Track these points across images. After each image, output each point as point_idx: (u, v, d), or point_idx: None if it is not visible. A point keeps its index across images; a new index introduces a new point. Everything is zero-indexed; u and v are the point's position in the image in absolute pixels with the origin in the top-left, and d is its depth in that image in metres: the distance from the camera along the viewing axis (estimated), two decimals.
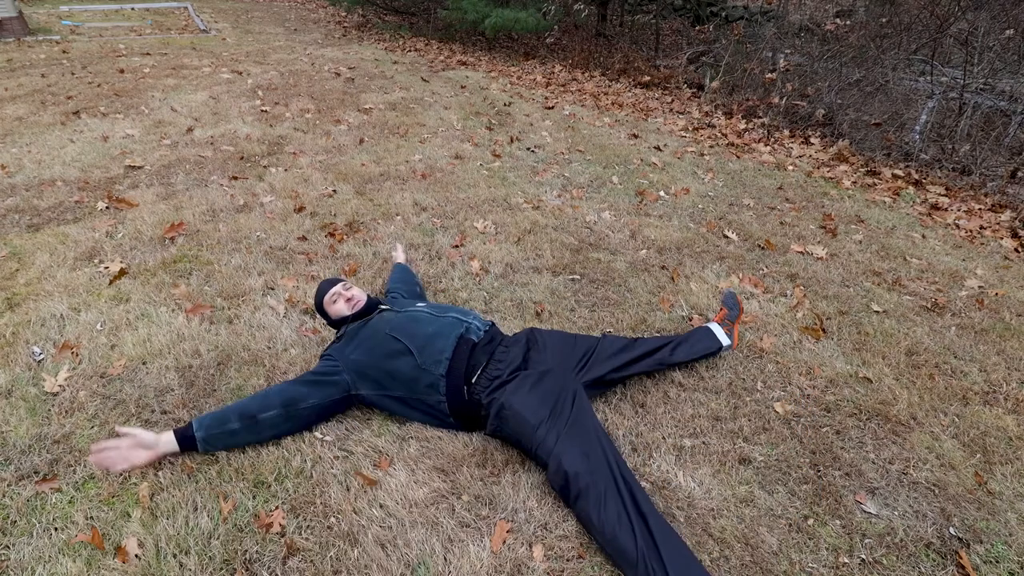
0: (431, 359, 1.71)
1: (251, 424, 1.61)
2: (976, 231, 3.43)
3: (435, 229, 3.03)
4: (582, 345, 1.88)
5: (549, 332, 1.94)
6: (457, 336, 1.77)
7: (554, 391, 1.64)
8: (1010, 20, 5.03)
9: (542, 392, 1.63)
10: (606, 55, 8.02)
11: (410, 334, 1.76)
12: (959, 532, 1.54)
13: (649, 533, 1.35)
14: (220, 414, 1.61)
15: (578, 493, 1.44)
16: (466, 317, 1.86)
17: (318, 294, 1.98)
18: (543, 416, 1.57)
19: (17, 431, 1.69)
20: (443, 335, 1.76)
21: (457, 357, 1.72)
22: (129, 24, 9.45)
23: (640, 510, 1.39)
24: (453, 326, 1.80)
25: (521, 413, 1.58)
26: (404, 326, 1.79)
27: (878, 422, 1.89)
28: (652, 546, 1.33)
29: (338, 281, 1.97)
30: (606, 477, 1.44)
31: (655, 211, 3.40)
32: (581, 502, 1.43)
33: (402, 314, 1.86)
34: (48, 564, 1.35)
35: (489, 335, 1.83)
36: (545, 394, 1.62)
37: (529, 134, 4.72)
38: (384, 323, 1.81)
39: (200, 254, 2.67)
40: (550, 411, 1.58)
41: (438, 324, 1.80)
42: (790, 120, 5.42)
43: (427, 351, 1.72)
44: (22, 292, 2.33)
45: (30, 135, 4.10)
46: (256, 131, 4.39)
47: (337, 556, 1.40)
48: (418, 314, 1.85)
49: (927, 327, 2.42)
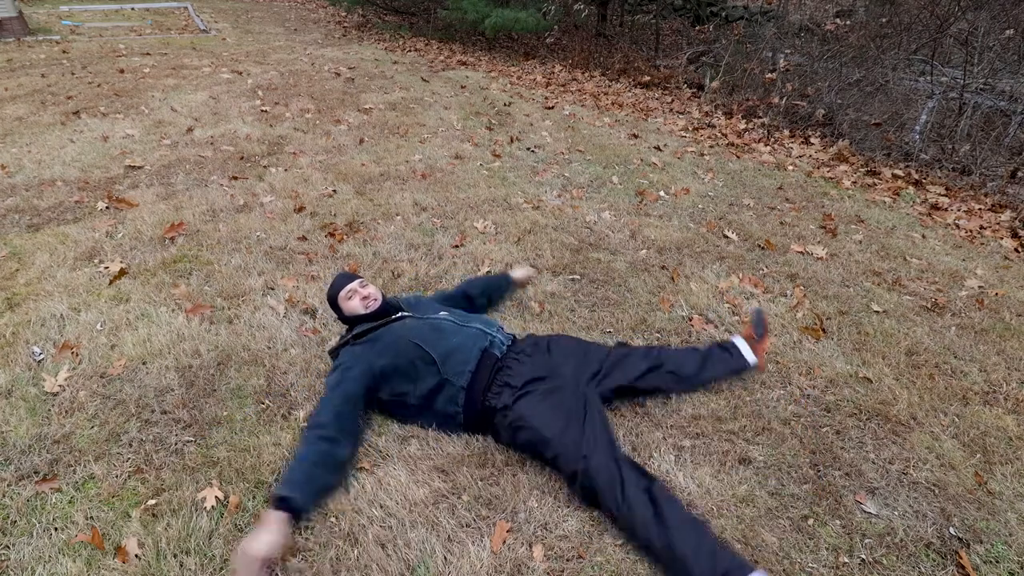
0: (454, 370, 1.69)
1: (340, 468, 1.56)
2: (976, 231, 3.43)
3: (435, 229, 3.03)
4: (598, 354, 1.86)
5: (565, 339, 1.92)
6: (481, 349, 1.75)
7: (568, 402, 1.62)
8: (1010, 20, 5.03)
9: (556, 404, 1.61)
10: (606, 55, 8.02)
11: (434, 344, 1.73)
12: (959, 532, 1.54)
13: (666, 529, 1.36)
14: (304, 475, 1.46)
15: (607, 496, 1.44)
16: (490, 329, 1.83)
17: (333, 287, 1.94)
18: (557, 429, 1.55)
19: (17, 431, 1.69)
20: (467, 347, 1.74)
21: (480, 371, 1.70)
22: (129, 24, 9.45)
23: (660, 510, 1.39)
24: (477, 338, 1.77)
25: (535, 426, 1.57)
26: (428, 335, 1.76)
27: (878, 422, 1.89)
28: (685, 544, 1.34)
29: (355, 278, 1.94)
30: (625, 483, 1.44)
31: (655, 211, 3.40)
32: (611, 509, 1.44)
33: (425, 322, 1.82)
34: (48, 564, 1.35)
35: (512, 350, 1.81)
36: (559, 406, 1.61)
37: (529, 134, 4.72)
38: (407, 330, 1.78)
39: (200, 254, 2.67)
40: (565, 423, 1.56)
41: (462, 335, 1.77)
42: (790, 120, 5.42)
43: (450, 362, 1.70)
44: (22, 292, 2.33)
45: (30, 135, 4.10)
46: (256, 131, 4.39)
47: (337, 556, 1.40)
48: (441, 323, 1.82)
49: (927, 327, 2.42)
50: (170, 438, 1.70)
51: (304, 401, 1.85)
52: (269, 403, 1.84)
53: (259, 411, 1.81)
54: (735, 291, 2.59)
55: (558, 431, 1.55)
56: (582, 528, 1.48)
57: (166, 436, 1.70)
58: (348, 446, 1.58)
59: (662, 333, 2.28)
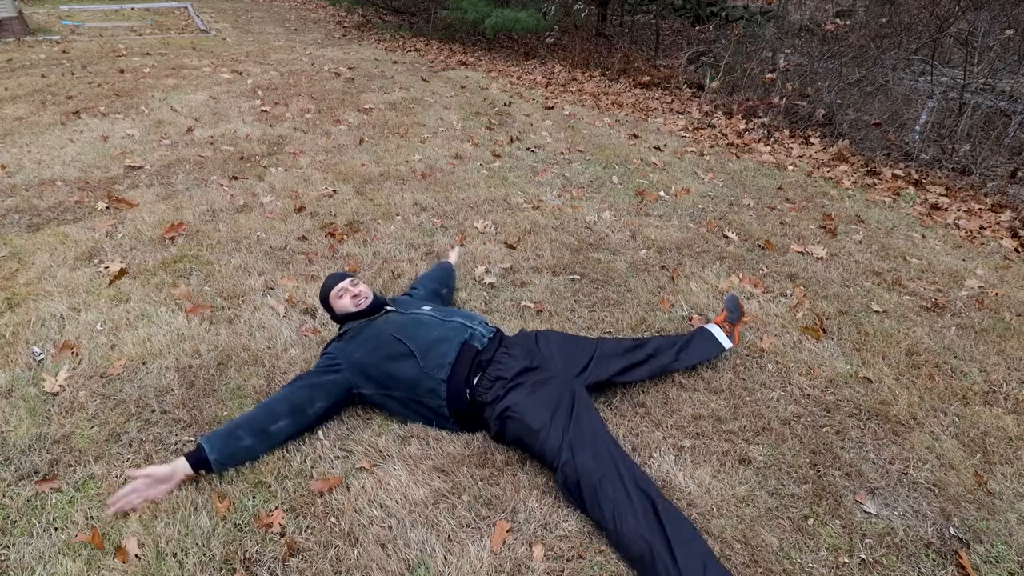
0: (433, 363, 1.71)
1: (263, 437, 1.60)
2: (976, 231, 3.43)
3: (435, 229, 3.03)
4: (587, 348, 1.88)
5: (553, 334, 1.93)
6: (461, 342, 1.76)
7: (556, 395, 1.63)
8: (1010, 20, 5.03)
9: (544, 396, 1.63)
10: (606, 55, 8.02)
11: (414, 337, 1.75)
12: (959, 532, 1.54)
13: (663, 532, 1.35)
14: (229, 431, 1.58)
15: (587, 494, 1.44)
16: (471, 323, 1.84)
17: (324, 288, 1.95)
18: (545, 420, 1.56)
19: (17, 431, 1.69)
20: (447, 340, 1.76)
21: (460, 363, 1.72)
22: (129, 24, 9.45)
23: (656, 510, 1.39)
24: (457, 331, 1.79)
25: (523, 418, 1.58)
26: (408, 329, 1.78)
27: (878, 422, 1.89)
28: (664, 543, 1.33)
29: (346, 276, 1.95)
30: (613, 477, 1.44)
31: (655, 211, 3.40)
32: (591, 503, 1.44)
33: (407, 316, 1.85)
34: (48, 564, 1.35)
35: (494, 342, 1.83)
36: (547, 398, 1.62)
37: (529, 134, 4.72)
38: (389, 324, 1.81)
39: (200, 254, 2.67)
40: (551, 415, 1.57)
41: (443, 329, 1.80)
42: (790, 120, 5.42)
43: (430, 355, 1.72)
44: (22, 292, 2.33)
45: (30, 135, 4.10)
46: (256, 131, 4.39)
47: (337, 556, 1.40)
48: (423, 317, 1.85)
49: (927, 327, 2.42)
50: (170, 438, 1.70)
51: None
52: None
53: None
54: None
55: (545, 423, 1.56)
56: (582, 528, 1.48)
57: (166, 436, 1.70)
58: (285, 419, 1.63)
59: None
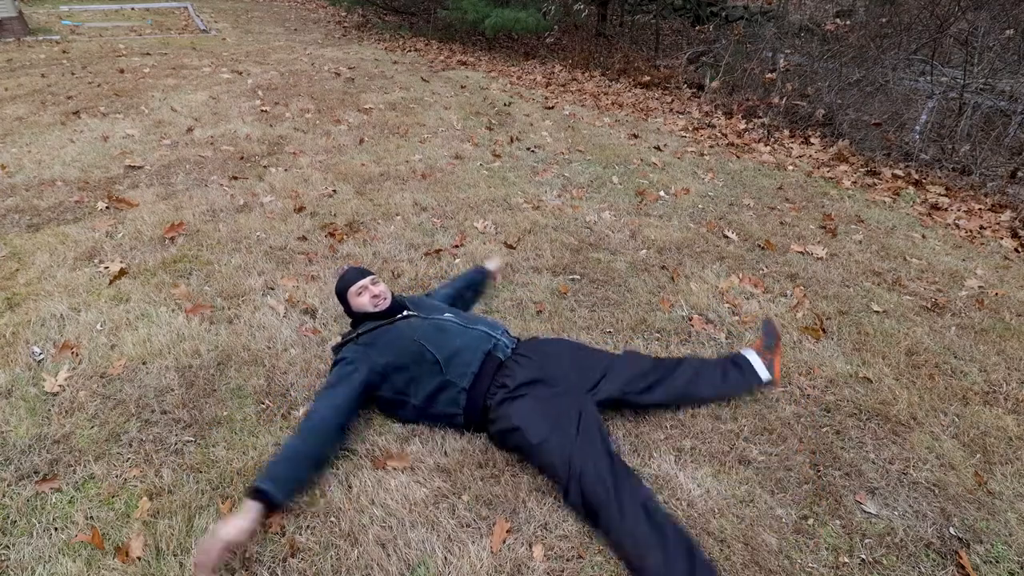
0: (457, 372, 1.69)
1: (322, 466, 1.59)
2: (976, 231, 3.43)
3: (435, 229, 3.03)
4: (601, 361, 1.82)
5: (567, 343, 1.90)
6: (484, 352, 1.74)
7: (560, 410, 1.60)
8: (1010, 20, 5.03)
9: (547, 411, 1.60)
10: (606, 55, 8.02)
11: (438, 344, 1.72)
12: (959, 532, 1.54)
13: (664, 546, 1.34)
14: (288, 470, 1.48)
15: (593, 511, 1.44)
16: (494, 332, 1.81)
17: (344, 281, 1.92)
18: (544, 435, 1.54)
19: (17, 431, 1.69)
20: (470, 349, 1.73)
21: (483, 373, 1.70)
22: (129, 24, 9.45)
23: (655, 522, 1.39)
24: (481, 341, 1.77)
25: (523, 432, 1.57)
26: (432, 335, 1.75)
27: (878, 422, 1.89)
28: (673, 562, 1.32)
29: (367, 274, 1.91)
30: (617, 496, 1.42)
31: (655, 211, 3.40)
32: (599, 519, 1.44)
33: (428, 321, 1.81)
34: (48, 564, 1.35)
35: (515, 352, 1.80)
36: (550, 413, 1.59)
37: (529, 134, 4.72)
38: (411, 329, 1.77)
39: (200, 254, 2.67)
40: (550, 429, 1.55)
41: (465, 337, 1.76)
42: (790, 120, 5.42)
43: (454, 363, 1.70)
44: (22, 292, 2.33)
45: (30, 135, 4.10)
46: (256, 131, 4.39)
47: (337, 556, 1.40)
48: (445, 324, 1.81)
49: (927, 327, 2.42)
50: (170, 438, 1.70)
51: (304, 401, 1.85)
52: (269, 403, 1.84)
53: (259, 411, 1.81)
54: (735, 291, 2.59)
55: (545, 437, 1.54)
56: (582, 528, 1.48)
57: (166, 436, 1.70)
58: (334, 444, 1.61)
59: (662, 333, 2.28)
